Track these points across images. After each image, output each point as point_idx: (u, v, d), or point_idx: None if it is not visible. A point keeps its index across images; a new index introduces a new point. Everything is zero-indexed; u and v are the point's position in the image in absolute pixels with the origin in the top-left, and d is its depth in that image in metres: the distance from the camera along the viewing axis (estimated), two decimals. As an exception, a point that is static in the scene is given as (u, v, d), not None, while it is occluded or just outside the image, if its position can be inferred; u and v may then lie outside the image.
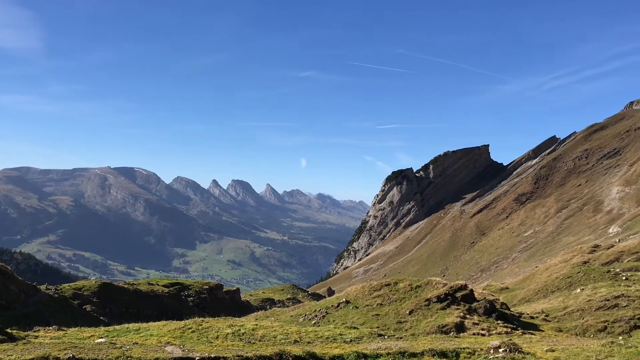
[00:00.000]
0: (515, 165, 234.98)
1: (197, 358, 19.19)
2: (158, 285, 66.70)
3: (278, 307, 74.32)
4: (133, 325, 26.60)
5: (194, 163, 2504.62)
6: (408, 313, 34.49)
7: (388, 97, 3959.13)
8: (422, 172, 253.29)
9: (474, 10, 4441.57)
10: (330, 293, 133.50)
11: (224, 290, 76.26)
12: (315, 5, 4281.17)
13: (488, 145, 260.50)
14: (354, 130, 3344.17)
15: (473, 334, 30.06)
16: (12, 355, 17.20)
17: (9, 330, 20.89)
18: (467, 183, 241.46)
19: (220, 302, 70.93)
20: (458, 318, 32.38)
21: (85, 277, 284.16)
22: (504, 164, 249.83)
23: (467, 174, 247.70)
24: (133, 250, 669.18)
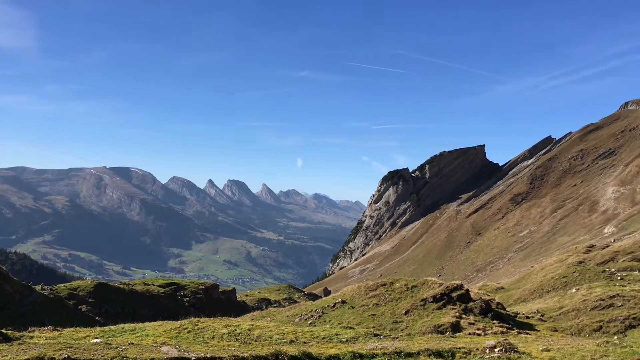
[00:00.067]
0: (511, 166, 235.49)
1: (193, 358, 19.16)
2: (154, 286, 66.63)
3: (274, 307, 74.32)
4: (129, 326, 26.53)
5: (190, 163, 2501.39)
6: (404, 313, 34.54)
7: (384, 97, 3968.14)
8: (418, 172, 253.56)
9: (471, 11, 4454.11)
10: (327, 293, 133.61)
11: (220, 291, 76.25)
12: (313, 5, 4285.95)
13: (484, 146, 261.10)
14: (351, 131, 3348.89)
15: (469, 334, 30.12)
16: (7, 356, 17.14)
17: (4, 331, 20.80)
18: (463, 183, 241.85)
19: (216, 302, 70.90)
20: (454, 318, 32.45)
21: (81, 277, 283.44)
22: (500, 164, 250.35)
23: (463, 174, 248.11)
24: (129, 251, 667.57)
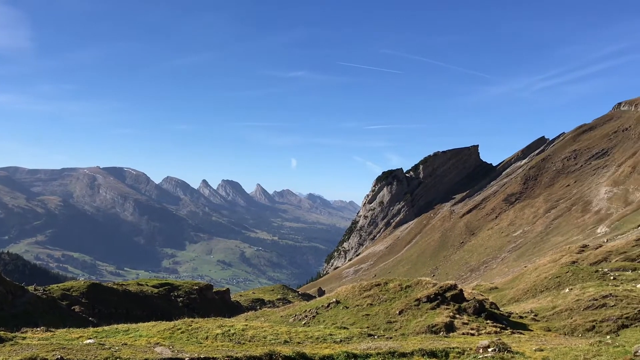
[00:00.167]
0: (505, 166, 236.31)
1: (186, 358, 19.12)
2: (147, 286, 66.43)
3: (268, 307, 74.28)
4: (122, 326, 26.42)
5: (184, 163, 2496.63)
6: (398, 313, 34.58)
7: (378, 97, 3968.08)
8: (412, 172, 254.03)
9: (463, 11, 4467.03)
10: (321, 293, 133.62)
11: (214, 291, 76.14)
12: (305, 6, 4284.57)
13: (477, 146, 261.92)
14: (344, 131, 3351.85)
15: (462, 334, 30.19)
16: (-1, 357, 17.07)
17: (-4, 332, 20.70)
18: (456, 183, 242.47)
19: (210, 302, 70.76)
20: (448, 318, 32.51)
21: (74, 277, 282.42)
22: (494, 165, 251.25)
23: (456, 174, 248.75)
24: (122, 251, 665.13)
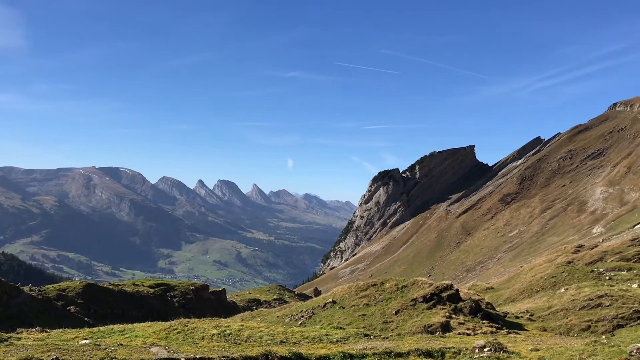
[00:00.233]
0: (501, 166, 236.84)
1: (182, 359, 19.09)
2: (143, 286, 66.23)
3: (264, 307, 74.21)
4: (118, 327, 26.35)
5: (180, 163, 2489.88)
6: (394, 313, 34.59)
7: (375, 97, 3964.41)
8: (408, 172, 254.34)
9: (460, 12, 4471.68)
10: (317, 293, 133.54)
11: (210, 291, 75.94)
12: (301, 6, 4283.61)
13: (474, 146, 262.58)
14: (341, 131, 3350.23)
15: (459, 334, 30.22)
16: (-6, 358, 17.00)
17: (-9, 332, 20.62)
18: (453, 183, 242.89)
19: (206, 302, 70.61)
20: (444, 318, 32.54)
21: (70, 278, 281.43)
22: (490, 165, 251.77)
23: (453, 175, 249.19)
24: (118, 251, 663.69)
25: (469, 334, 30.20)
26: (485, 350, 22.23)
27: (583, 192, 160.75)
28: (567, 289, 44.57)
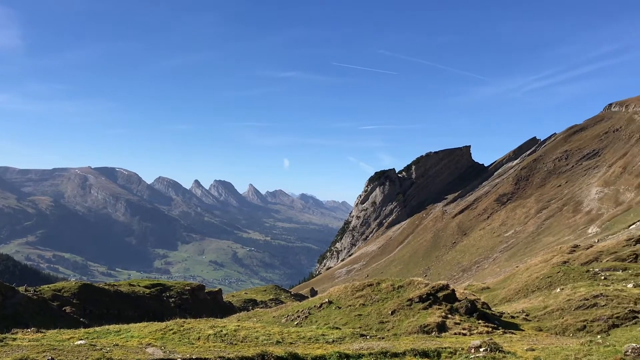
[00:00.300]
0: (497, 166, 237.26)
1: (178, 359, 19.06)
2: (139, 286, 66.12)
3: (260, 307, 74.18)
4: (113, 327, 26.29)
5: (176, 163, 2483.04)
6: (390, 313, 34.62)
7: (371, 97, 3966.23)
8: (404, 172, 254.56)
9: (456, 11, 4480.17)
10: (313, 293, 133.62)
11: (206, 291, 75.88)
12: (298, 6, 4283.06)
13: (469, 146, 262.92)
14: (337, 131, 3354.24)
15: (454, 334, 30.27)
16: (-11, 358, 16.94)
17: (-14, 333, 20.55)
18: (449, 184, 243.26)
19: (202, 303, 70.54)
20: (440, 318, 32.58)
21: (65, 278, 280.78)
22: (485, 165, 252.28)
23: (449, 175, 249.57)
24: (114, 251, 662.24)
25: (465, 334, 30.25)
26: (481, 350, 22.27)
27: (578, 192, 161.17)
28: (562, 289, 44.68)
